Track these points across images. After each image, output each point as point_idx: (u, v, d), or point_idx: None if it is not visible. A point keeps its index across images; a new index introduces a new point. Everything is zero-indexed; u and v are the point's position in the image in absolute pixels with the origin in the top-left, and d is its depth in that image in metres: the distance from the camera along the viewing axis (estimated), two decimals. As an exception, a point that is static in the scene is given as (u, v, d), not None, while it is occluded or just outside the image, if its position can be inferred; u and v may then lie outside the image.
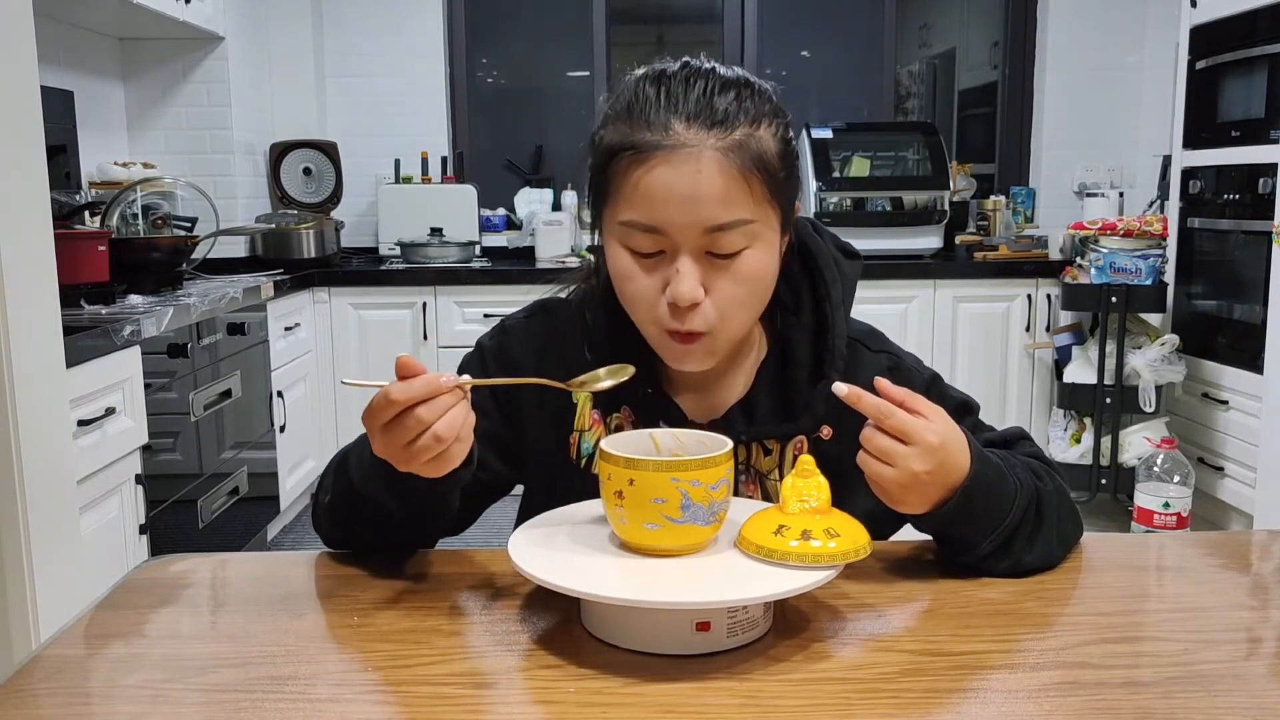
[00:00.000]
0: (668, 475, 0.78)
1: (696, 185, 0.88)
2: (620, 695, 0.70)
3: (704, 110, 0.89)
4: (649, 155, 0.88)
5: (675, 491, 0.78)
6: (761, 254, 0.92)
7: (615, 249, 0.93)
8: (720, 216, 0.88)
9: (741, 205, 0.89)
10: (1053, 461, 1.02)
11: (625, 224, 0.91)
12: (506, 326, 1.08)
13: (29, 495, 1.58)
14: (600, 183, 0.94)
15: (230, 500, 2.87)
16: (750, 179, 0.89)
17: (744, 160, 0.89)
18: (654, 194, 0.88)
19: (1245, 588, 0.93)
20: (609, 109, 0.94)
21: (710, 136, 0.88)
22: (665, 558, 0.80)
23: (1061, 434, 3.54)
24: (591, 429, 1.02)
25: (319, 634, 0.82)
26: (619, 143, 0.91)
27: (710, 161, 0.88)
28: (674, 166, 0.88)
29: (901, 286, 3.71)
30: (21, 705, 0.71)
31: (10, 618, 1.58)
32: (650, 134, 0.89)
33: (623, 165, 0.90)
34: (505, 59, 4.51)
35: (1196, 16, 3.26)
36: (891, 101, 4.44)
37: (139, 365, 2.30)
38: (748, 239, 0.90)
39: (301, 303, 3.54)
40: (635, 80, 0.94)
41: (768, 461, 1.01)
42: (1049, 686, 0.71)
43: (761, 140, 0.90)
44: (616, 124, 0.92)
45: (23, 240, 1.58)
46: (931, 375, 1.07)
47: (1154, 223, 3.48)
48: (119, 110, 3.62)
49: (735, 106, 0.90)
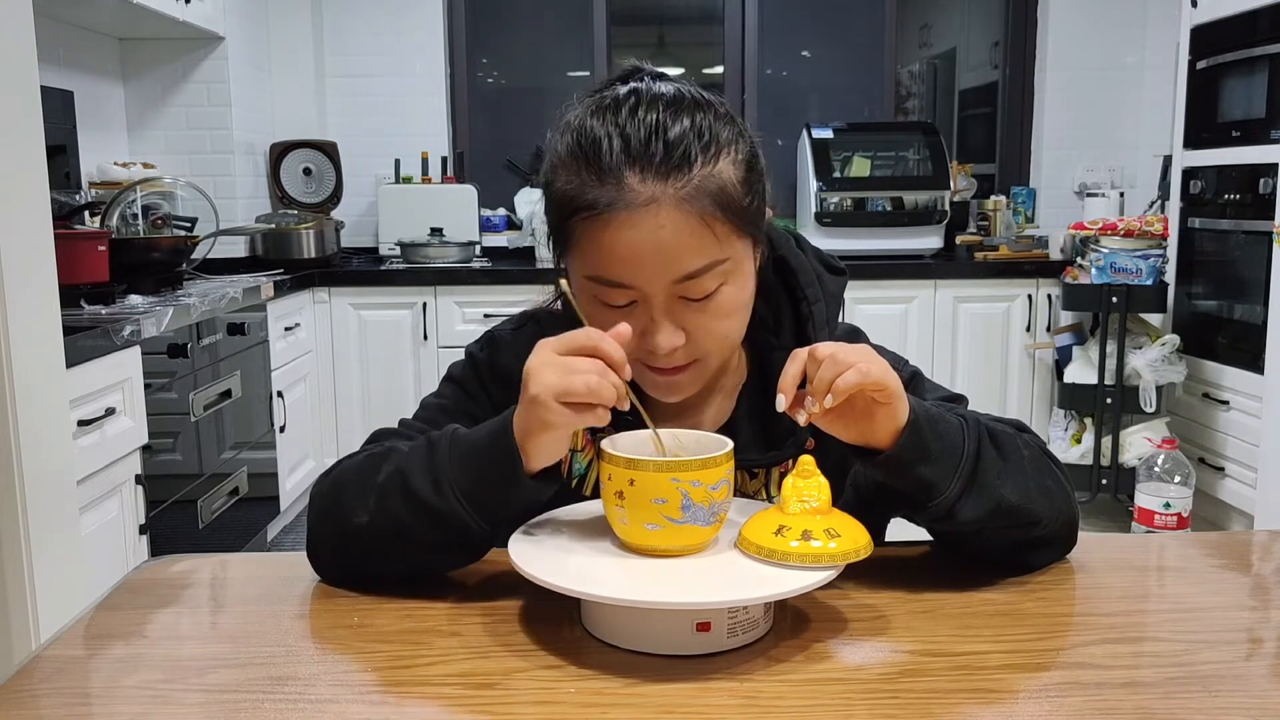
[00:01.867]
0: (668, 476, 0.78)
1: (660, 240, 0.85)
2: (620, 695, 0.70)
3: (656, 154, 0.85)
4: (607, 216, 0.85)
5: (676, 492, 0.77)
6: (737, 286, 0.90)
7: (586, 298, 0.91)
8: (689, 265, 0.86)
9: (709, 249, 0.86)
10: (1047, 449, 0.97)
11: (592, 279, 0.89)
12: (495, 337, 1.06)
13: (29, 495, 1.58)
14: (559, 231, 0.91)
15: (230, 500, 2.87)
16: (713, 222, 0.86)
17: (705, 205, 0.86)
18: (618, 254, 0.86)
19: (1246, 588, 0.93)
20: (559, 146, 0.90)
21: (668, 187, 0.85)
22: (665, 558, 0.80)
23: (1062, 434, 3.54)
24: (584, 449, 1.01)
25: (319, 634, 0.82)
26: (575, 198, 0.87)
27: (671, 214, 0.85)
28: (635, 226, 0.85)
29: (902, 287, 3.71)
30: (21, 705, 0.71)
31: (10, 618, 1.58)
32: (604, 190, 0.85)
33: (581, 222, 0.87)
34: (505, 59, 4.51)
35: (1197, 16, 3.26)
36: (892, 101, 4.44)
37: (139, 365, 2.30)
38: (721, 277, 0.88)
39: (301, 303, 3.53)
40: (580, 116, 0.90)
41: (754, 484, 0.99)
42: (1049, 687, 0.71)
43: (721, 175, 0.87)
44: (567, 171, 0.89)
45: (23, 240, 1.58)
46: (913, 371, 1.04)
47: (1154, 223, 3.48)
48: (119, 110, 3.62)
49: (690, 142, 0.86)
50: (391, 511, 0.85)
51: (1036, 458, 0.92)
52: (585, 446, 1.01)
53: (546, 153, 0.93)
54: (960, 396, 1.03)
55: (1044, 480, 0.91)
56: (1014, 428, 0.98)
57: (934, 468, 0.84)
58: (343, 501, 0.89)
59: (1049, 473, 0.92)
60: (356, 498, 0.88)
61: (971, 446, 0.86)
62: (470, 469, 0.83)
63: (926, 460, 0.83)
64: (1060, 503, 0.92)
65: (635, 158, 0.85)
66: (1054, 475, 0.93)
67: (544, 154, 0.95)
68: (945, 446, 0.84)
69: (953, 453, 0.85)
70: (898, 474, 0.85)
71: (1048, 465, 0.93)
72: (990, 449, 0.87)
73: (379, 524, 0.86)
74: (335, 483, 0.92)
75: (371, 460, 0.90)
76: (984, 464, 0.86)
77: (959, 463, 0.85)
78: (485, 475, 0.83)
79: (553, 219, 0.92)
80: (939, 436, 0.84)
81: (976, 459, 0.86)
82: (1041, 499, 0.89)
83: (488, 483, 0.83)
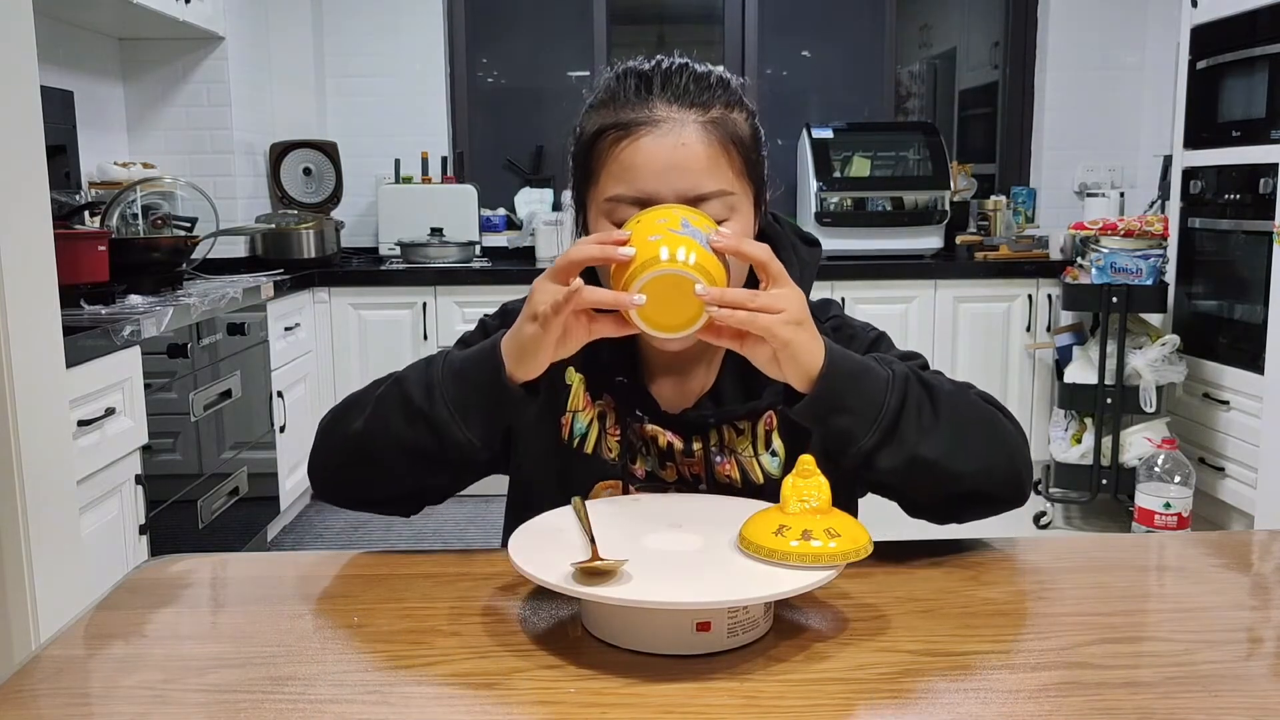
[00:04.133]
0: (665, 210, 0.89)
1: (680, 155, 0.93)
2: (620, 695, 0.70)
3: (684, 92, 0.95)
4: (633, 130, 0.94)
5: (675, 217, 0.88)
6: (740, 227, 0.96)
7: (601, 227, 0.96)
8: (704, 185, 0.94)
9: (723, 176, 0.95)
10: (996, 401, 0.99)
11: (612, 199, 0.95)
12: (509, 309, 1.11)
13: (29, 495, 1.58)
14: (585, 163, 0.99)
15: (230, 500, 2.87)
16: (730, 152, 0.95)
17: (723, 134, 0.95)
18: (639, 165, 0.94)
19: (1246, 588, 0.93)
20: (591, 101, 1.01)
21: (691, 112, 0.95)
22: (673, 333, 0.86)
23: (1062, 434, 3.54)
24: (584, 410, 1.05)
25: (319, 634, 0.82)
26: (603, 123, 0.96)
27: (693, 133, 0.94)
28: (658, 138, 0.93)
29: (902, 286, 3.71)
30: (21, 705, 0.71)
31: (10, 618, 1.58)
32: (633, 112, 0.95)
33: (607, 143, 0.95)
34: (505, 59, 4.51)
35: (1197, 16, 3.26)
36: (892, 101, 4.44)
37: (139, 365, 2.30)
38: (728, 210, 0.96)
39: (301, 303, 3.54)
40: (615, 74, 1.00)
41: (741, 440, 1.04)
42: (1049, 687, 0.71)
43: (736, 122, 0.97)
44: (599, 111, 0.98)
45: (23, 240, 1.58)
46: (879, 334, 1.10)
47: (1155, 223, 3.48)
48: (119, 110, 3.62)
49: (713, 85, 0.97)
50: (386, 417, 0.95)
51: (974, 415, 0.95)
52: (586, 407, 1.05)
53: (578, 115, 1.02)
54: (918, 354, 1.06)
55: (975, 438, 0.93)
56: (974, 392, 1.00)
57: (850, 418, 0.88)
58: (344, 415, 0.99)
59: (986, 431, 0.95)
60: (356, 409, 0.98)
61: (894, 401, 0.89)
62: (459, 378, 0.93)
63: (842, 411, 0.88)
64: (994, 461, 0.94)
65: (664, 87, 0.96)
66: (993, 433, 0.95)
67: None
68: (864, 400, 0.89)
69: (871, 405, 0.89)
70: (815, 421, 0.90)
71: (987, 423, 0.95)
72: (916, 405, 0.90)
73: (374, 428, 0.95)
74: (341, 404, 1.02)
75: (375, 382, 1.00)
76: (905, 418, 0.89)
77: (877, 415, 0.89)
78: (471, 381, 0.92)
79: (578, 155, 1.00)
80: (858, 389, 0.89)
81: (898, 414, 0.89)
82: (966, 457, 0.92)
83: (472, 387, 0.92)
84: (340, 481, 1.01)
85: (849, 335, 1.07)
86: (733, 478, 1.03)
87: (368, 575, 0.93)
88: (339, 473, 1.00)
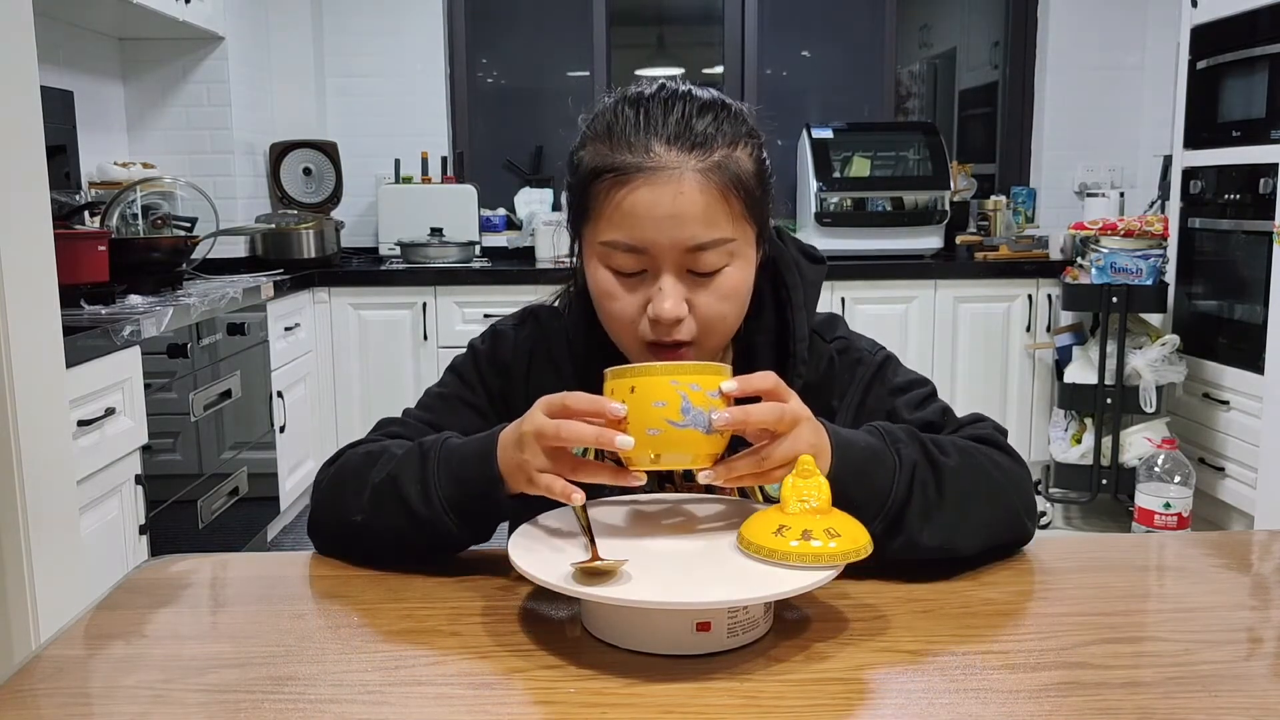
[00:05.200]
0: (668, 378, 0.82)
1: (678, 205, 0.90)
2: (620, 695, 0.70)
3: (683, 133, 0.91)
4: (631, 177, 0.91)
5: (675, 395, 0.81)
6: (740, 270, 0.95)
7: (596, 268, 0.96)
8: (702, 236, 0.91)
9: (722, 224, 0.92)
10: (997, 440, 0.99)
11: (607, 244, 0.93)
12: (498, 331, 1.10)
13: (29, 495, 1.58)
14: (581, 203, 0.96)
15: (230, 500, 2.87)
16: (730, 198, 0.92)
17: (723, 180, 0.92)
18: (637, 214, 0.91)
19: (1246, 588, 0.93)
20: (587, 129, 0.96)
21: (691, 158, 0.91)
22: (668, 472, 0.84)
23: (1062, 434, 3.54)
24: None
25: (319, 634, 0.82)
26: (600, 165, 0.93)
27: (691, 182, 0.90)
28: (656, 187, 0.90)
29: (902, 287, 3.71)
30: (21, 705, 0.71)
31: (10, 618, 1.58)
32: (631, 155, 0.91)
33: (604, 186, 0.92)
34: (505, 59, 4.51)
35: (1197, 16, 3.26)
36: (892, 101, 4.44)
37: (139, 365, 2.30)
38: (727, 257, 0.93)
39: (301, 303, 3.53)
40: (614, 102, 0.96)
41: None
42: (1049, 687, 0.71)
43: (739, 161, 0.93)
44: (596, 145, 0.94)
45: (23, 240, 1.58)
46: (885, 356, 1.08)
47: (1154, 223, 3.48)
48: (119, 110, 3.62)
49: (713, 129, 0.92)
50: (384, 514, 0.92)
51: (979, 485, 0.93)
52: None
53: (576, 134, 0.98)
54: (925, 381, 1.06)
55: (979, 514, 0.92)
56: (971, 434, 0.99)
57: (857, 511, 0.86)
58: (342, 496, 0.96)
59: (990, 502, 0.94)
60: (354, 494, 0.94)
61: (900, 493, 0.89)
62: (456, 482, 0.90)
63: (848, 504, 0.85)
64: (997, 531, 0.94)
65: (662, 132, 0.92)
66: (996, 501, 0.94)
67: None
68: (870, 495, 0.88)
69: (877, 500, 0.88)
70: None
71: (992, 493, 0.94)
72: (922, 493, 0.89)
73: (372, 524, 0.93)
74: (337, 476, 0.99)
75: (370, 459, 0.96)
76: (910, 509, 0.89)
77: (883, 509, 0.88)
78: (469, 490, 0.89)
79: (575, 190, 0.97)
80: (864, 486, 0.88)
81: (905, 503, 0.89)
82: (970, 536, 0.92)
83: (471, 497, 0.89)
84: (341, 555, 0.99)
85: (855, 359, 1.06)
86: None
87: (368, 575, 0.93)
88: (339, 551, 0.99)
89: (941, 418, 1.02)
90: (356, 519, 0.94)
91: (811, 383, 1.02)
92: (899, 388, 1.05)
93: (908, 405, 1.03)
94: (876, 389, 1.05)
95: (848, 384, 1.06)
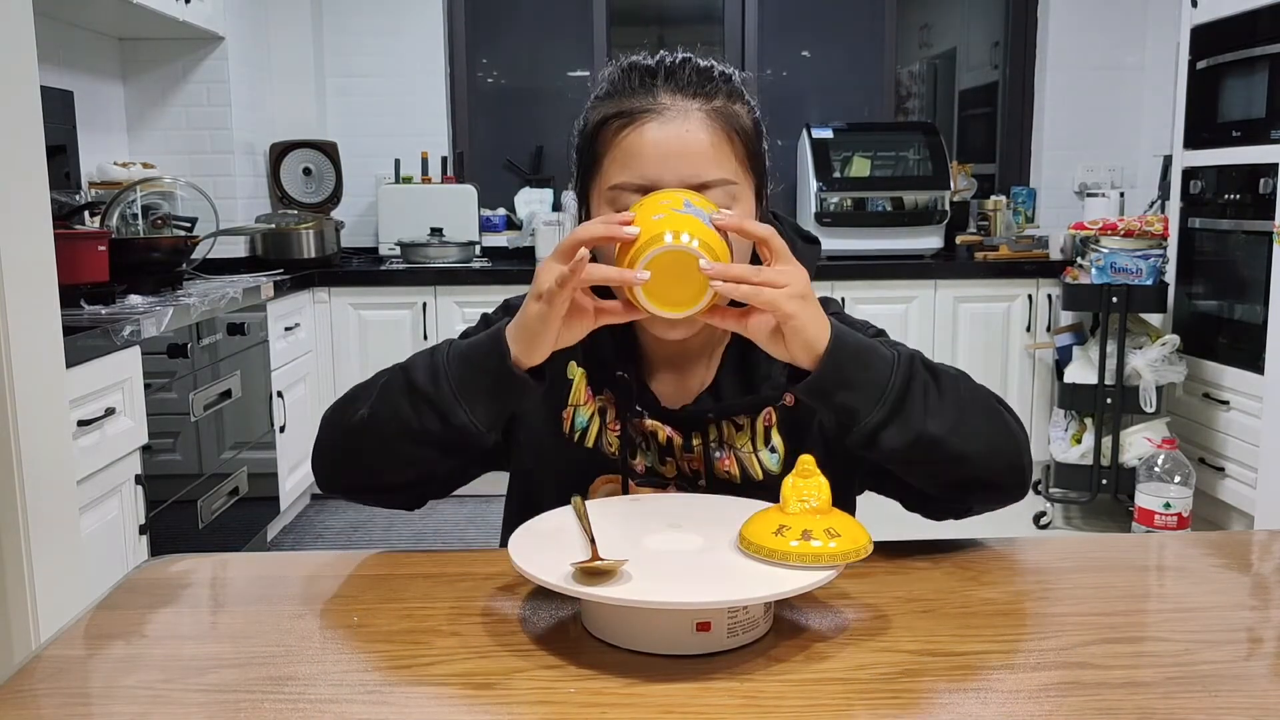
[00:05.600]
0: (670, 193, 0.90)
1: (685, 142, 0.94)
2: (620, 695, 0.70)
3: (689, 81, 0.97)
4: (638, 117, 0.95)
5: (678, 199, 0.89)
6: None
7: (604, 214, 0.96)
8: (707, 173, 0.94)
9: (726, 164, 0.95)
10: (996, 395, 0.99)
11: (616, 187, 0.96)
12: (511, 305, 1.12)
13: (29, 495, 1.58)
14: (589, 152, 0.99)
15: (230, 500, 2.87)
16: (733, 141, 0.96)
17: (727, 124, 0.96)
18: (644, 152, 0.94)
19: (1246, 588, 0.93)
20: (594, 94, 1.01)
21: (695, 101, 0.96)
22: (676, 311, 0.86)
23: (1062, 434, 3.54)
24: (586, 404, 1.06)
25: (319, 634, 0.82)
26: (607, 113, 0.97)
27: (697, 121, 0.95)
28: (662, 125, 0.94)
29: (902, 287, 3.71)
30: (21, 705, 0.71)
31: (10, 618, 1.58)
32: (638, 100, 0.96)
33: (611, 131, 0.96)
34: (505, 59, 4.51)
35: (1197, 16, 3.26)
36: (892, 101, 4.44)
37: (139, 365, 2.30)
38: (730, 199, 0.96)
39: (301, 303, 3.54)
40: (619, 67, 1.01)
41: (740, 436, 1.04)
42: (1049, 686, 0.71)
43: (739, 114, 0.98)
44: (603, 103, 0.99)
45: (23, 240, 1.58)
46: (877, 331, 1.10)
47: (1155, 223, 3.48)
48: (119, 110, 3.62)
49: (717, 77, 0.98)
50: (391, 401, 0.94)
51: (977, 400, 0.95)
52: (588, 401, 1.06)
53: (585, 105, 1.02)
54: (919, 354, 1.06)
55: (978, 420, 0.94)
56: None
57: (856, 395, 0.88)
58: (349, 404, 0.98)
59: (989, 415, 0.95)
60: (362, 397, 0.98)
61: (900, 379, 0.89)
62: (464, 361, 0.93)
63: (848, 387, 0.88)
64: (998, 444, 0.95)
65: (669, 78, 0.97)
66: (995, 418, 0.96)
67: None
68: (870, 376, 0.89)
69: (877, 382, 0.89)
70: (820, 398, 0.89)
71: (990, 408, 0.96)
72: (922, 385, 0.91)
73: (379, 413, 0.95)
74: (345, 395, 1.01)
75: (379, 373, 1.00)
76: (911, 396, 0.89)
77: (883, 392, 0.89)
78: (476, 365, 0.92)
79: (583, 145, 1.00)
80: (863, 366, 0.89)
81: (905, 390, 0.89)
82: (971, 437, 0.92)
83: (478, 371, 0.91)
84: (344, 469, 1.00)
85: (849, 324, 1.07)
86: (732, 473, 1.03)
87: (368, 575, 0.93)
88: (343, 460, 1.00)
89: None
90: (363, 413, 0.95)
91: None
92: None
93: None
94: None
95: None
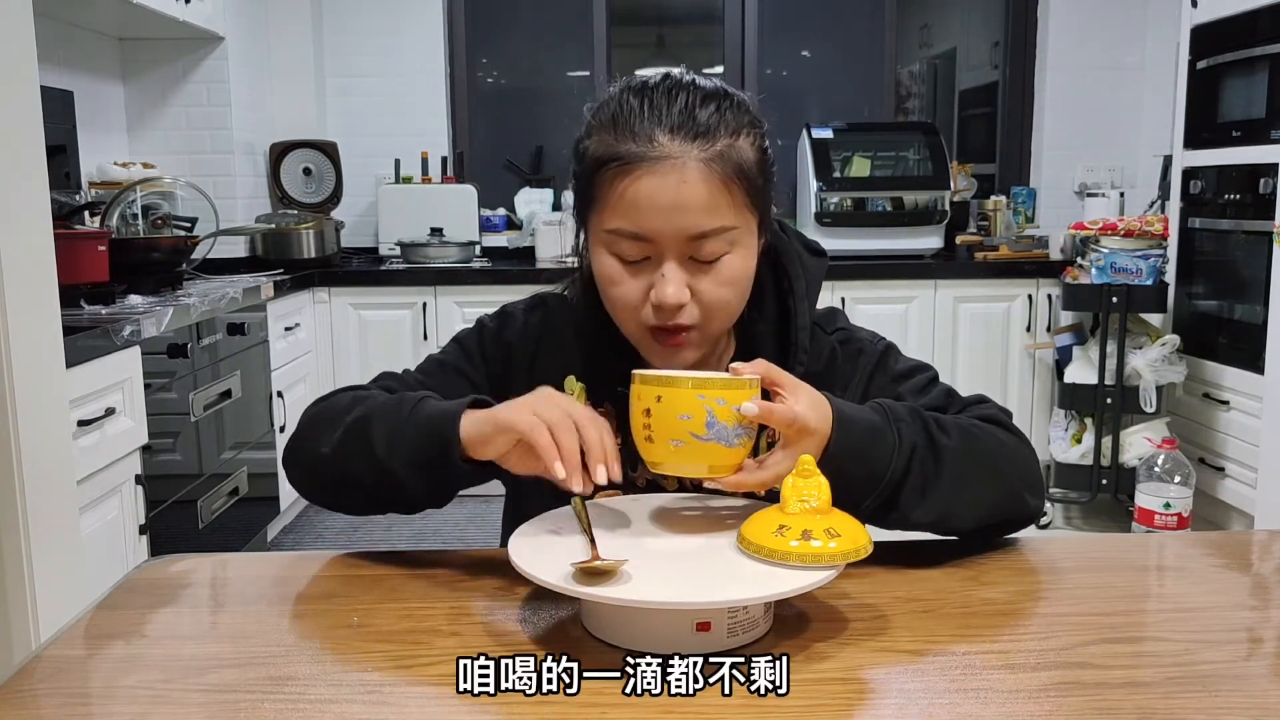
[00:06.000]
0: (695, 392, 0.82)
1: (681, 194, 0.92)
2: (620, 695, 0.70)
3: (687, 122, 0.93)
4: (635, 166, 0.92)
5: (701, 408, 0.81)
6: (742, 258, 0.97)
7: (601, 254, 0.97)
8: (704, 224, 0.93)
9: (724, 213, 0.93)
10: (1002, 419, 1.00)
11: (611, 232, 0.95)
12: (508, 312, 1.13)
13: (29, 495, 1.58)
14: (586, 191, 0.97)
15: (230, 500, 2.87)
16: (732, 187, 0.93)
17: (726, 170, 0.93)
18: (640, 203, 0.92)
19: (1246, 588, 0.93)
20: (593, 119, 0.98)
21: (694, 148, 0.92)
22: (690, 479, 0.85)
23: (1062, 434, 3.54)
24: None
25: (319, 634, 0.82)
26: (605, 154, 0.94)
27: (694, 172, 0.92)
28: (659, 177, 0.92)
29: (902, 287, 3.71)
30: (21, 705, 0.71)
31: (10, 618, 1.58)
32: (635, 145, 0.93)
33: (609, 175, 0.94)
34: (505, 59, 4.51)
35: (1197, 16, 3.26)
36: (892, 101, 4.44)
37: (139, 365, 2.30)
38: (729, 244, 0.95)
39: (301, 303, 3.53)
40: (618, 91, 0.97)
41: None
42: (1049, 686, 0.71)
43: (741, 150, 0.95)
44: (601, 135, 0.96)
45: (23, 240, 1.58)
46: (886, 346, 1.10)
47: (1155, 223, 3.48)
48: (119, 110, 3.62)
49: (716, 119, 0.94)
50: (348, 452, 0.94)
51: (979, 465, 0.94)
52: None
53: (582, 124, 1.00)
54: (927, 366, 1.08)
55: (977, 490, 0.94)
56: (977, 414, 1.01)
57: (852, 491, 0.88)
58: (318, 427, 0.98)
59: (992, 478, 0.95)
60: (328, 427, 0.97)
61: (897, 471, 0.90)
62: (418, 438, 0.91)
63: (845, 483, 0.86)
64: (1001, 506, 0.96)
65: (665, 121, 0.93)
66: (995, 478, 0.95)
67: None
68: (866, 472, 0.89)
69: (872, 479, 0.90)
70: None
71: (991, 471, 0.95)
72: (920, 469, 0.91)
73: (340, 458, 0.95)
74: (320, 410, 1.01)
75: (354, 401, 0.98)
76: (906, 487, 0.90)
77: (878, 487, 0.90)
78: (426, 447, 0.90)
79: (581, 179, 0.99)
80: (861, 462, 0.89)
81: (900, 483, 0.90)
82: (965, 513, 0.94)
83: (427, 454, 0.90)
84: (310, 490, 1.01)
85: (857, 349, 1.08)
86: None
87: (368, 575, 0.93)
88: (305, 484, 1.01)
89: (946, 400, 1.04)
90: (324, 451, 0.96)
91: (814, 374, 1.03)
92: (902, 374, 1.07)
93: (912, 391, 1.05)
94: (879, 378, 1.07)
95: (850, 375, 1.07)
